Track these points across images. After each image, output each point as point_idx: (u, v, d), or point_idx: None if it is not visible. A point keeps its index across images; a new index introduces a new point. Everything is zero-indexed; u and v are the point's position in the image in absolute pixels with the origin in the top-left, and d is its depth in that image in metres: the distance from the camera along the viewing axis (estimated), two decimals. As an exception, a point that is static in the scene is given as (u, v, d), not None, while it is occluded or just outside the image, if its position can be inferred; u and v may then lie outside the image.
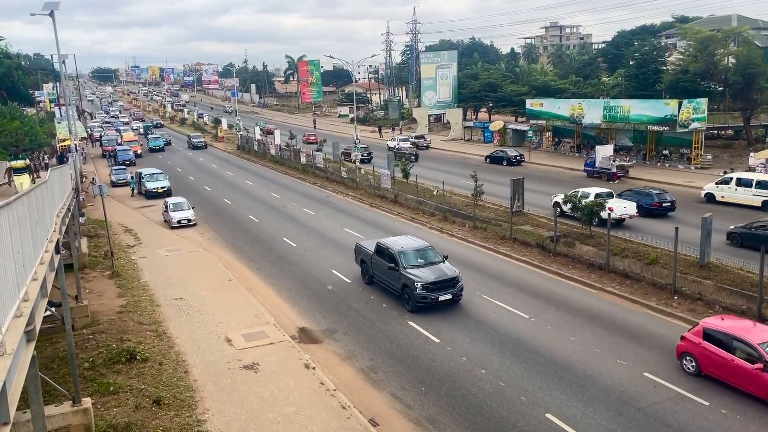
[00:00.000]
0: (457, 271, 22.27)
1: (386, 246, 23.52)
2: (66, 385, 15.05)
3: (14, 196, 9.62)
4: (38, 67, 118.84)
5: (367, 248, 25.21)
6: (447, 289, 21.57)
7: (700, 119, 49.89)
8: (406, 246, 23.48)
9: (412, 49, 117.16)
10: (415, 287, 21.29)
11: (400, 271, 22.12)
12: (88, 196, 45.56)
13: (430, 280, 21.40)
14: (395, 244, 23.73)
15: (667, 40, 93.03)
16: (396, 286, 22.44)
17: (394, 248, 23.08)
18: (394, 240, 24.61)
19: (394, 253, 22.82)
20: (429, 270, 21.94)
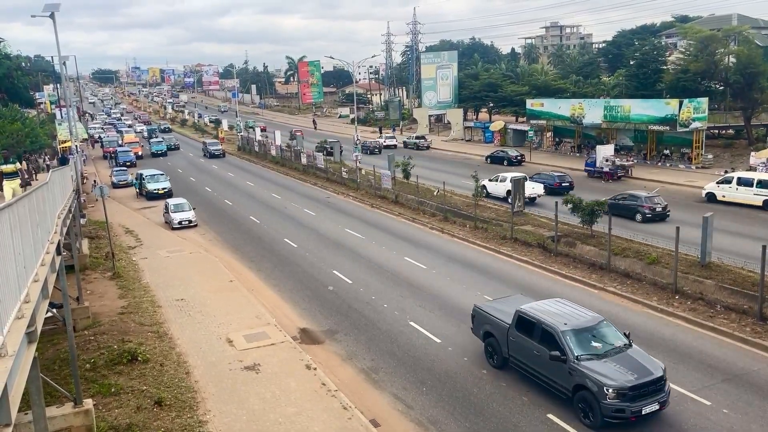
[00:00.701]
0: (661, 365, 14.80)
1: (537, 319, 15.92)
2: (67, 387, 15.06)
3: (15, 198, 9.62)
4: (39, 68, 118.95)
5: (496, 316, 17.51)
6: (653, 395, 14.10)
7: (700, 119, 49.86)
8: (572, 321, 15.67)
9: (412, 50, 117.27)
10: (605, 394, 13.85)
11: (572, 364, 14.62)
12: (89, 197, 45.59)
13: (629, 384, 13.89)
14: (551, 315, 15.98)
15: (668, 39, 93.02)
16: (562, 386, 15.05)
17: (555, 326, 15.40)
18: (546, 308, 16.61)
19: (555, 334, 15.25)
20: (619, 364, 14.46)
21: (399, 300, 23.35)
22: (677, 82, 58.07)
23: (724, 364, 17.08)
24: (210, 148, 74.31)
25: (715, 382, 16.17)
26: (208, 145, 75.46)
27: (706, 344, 18.41)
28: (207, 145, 75.49)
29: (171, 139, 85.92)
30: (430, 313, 21.90)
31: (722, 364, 17.09)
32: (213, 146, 75.19)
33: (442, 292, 23.94)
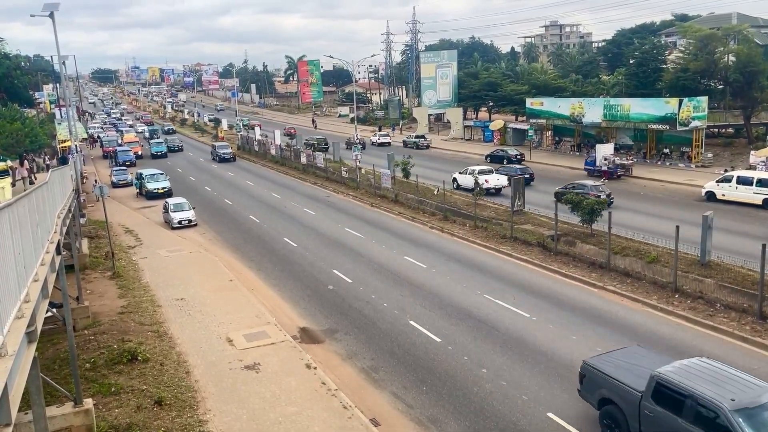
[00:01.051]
0: None
1: (689, 392, 11.74)
2: (67, 386, 15.06)
3: (15, 198, 9.62)
4: (38, 68, 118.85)
5: (618, 379, 13.47)
6: None
7: (700, 117, 49.86)
8: (741, 396, 11.37)
9: (411, 49, 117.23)
10: None
11: None
12: (88, 196, 45.58)
13: None
14: (707, 385, 11.76)
15: (667, 38, 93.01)
16: None
17: (720, 403, 11.17)
18: (694, 372, 12.35)
19: (720, 414, 11.07)
20: None
21: (399, 299, 23.35)
22: (677, 80, 58.05)
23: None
24: (219, 152, 68.80)
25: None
26: (218, 148, 70.04)
27: (706, 343, 18.42)
28: (216, 148, 70.20)
29: (174, 140, 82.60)
30: (430, 312, 21.90)
31: (722, 363, 17.08)
32: (222, 149, 69.48)
33: (442, 291, 23.95)
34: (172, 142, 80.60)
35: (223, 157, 68.10)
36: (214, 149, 70.78)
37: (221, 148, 70.32)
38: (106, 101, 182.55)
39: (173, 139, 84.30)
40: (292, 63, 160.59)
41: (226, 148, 70.12)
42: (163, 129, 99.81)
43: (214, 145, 72.41)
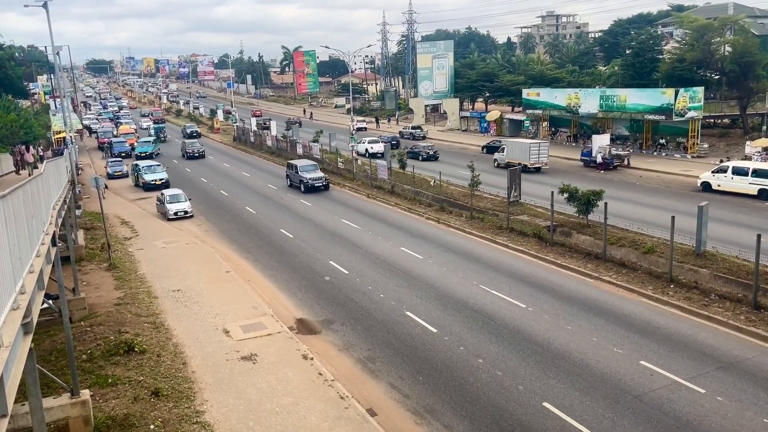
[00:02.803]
0: None
1: None
2: (64, 378, 15.07)
3: (9, 189, 9.58)
4: (32, 59, 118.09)
5: None
6: None
7: (696, 108, 49.92)
8: None
9: (408, 39, 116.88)
10: None
11: None
12: (84, 188, 45.42)
13: None
14: None
15: (664, 28, 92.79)
16: None
17: None
18: None
19: None
20: None
21: (395, 290, 23.39)
22: (673, 71, 58.06)
23: (719, 353, 17.19)
24: (307, 177, 43.48)
25: (710, 370, 16.27)
26: (301, 170, 43.93)
27: (701, 333, 18.52)
28: (300, 170, 43.98)
29: (195, 144, 66.89)
30: (427, 303, 21.95)
31: (717, 353, 17.20)
32: (309, 172, 44.10)
33: (438, 281, 24.00)
34: (192, 146, 65.47)
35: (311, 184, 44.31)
36: (296, 171, 45.34)
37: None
38: (103, 94, 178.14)
39: (192, 143, 67.38)
40: (288, 54, 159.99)
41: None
42: (185, 131, 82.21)
43: (294, 165, 46.57)
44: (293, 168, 45.26)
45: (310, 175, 43.39)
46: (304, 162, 46.80)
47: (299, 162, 46.55)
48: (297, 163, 46.13)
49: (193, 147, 65.49)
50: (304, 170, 43.92)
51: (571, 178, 35.39)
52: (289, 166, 46.86)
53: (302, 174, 43.48)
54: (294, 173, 44.80)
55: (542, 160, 46.46)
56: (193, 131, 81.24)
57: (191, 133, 79.92)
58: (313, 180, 43.05)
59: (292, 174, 45.37)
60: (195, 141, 69.06)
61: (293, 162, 46.78)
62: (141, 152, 62.87)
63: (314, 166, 45.27)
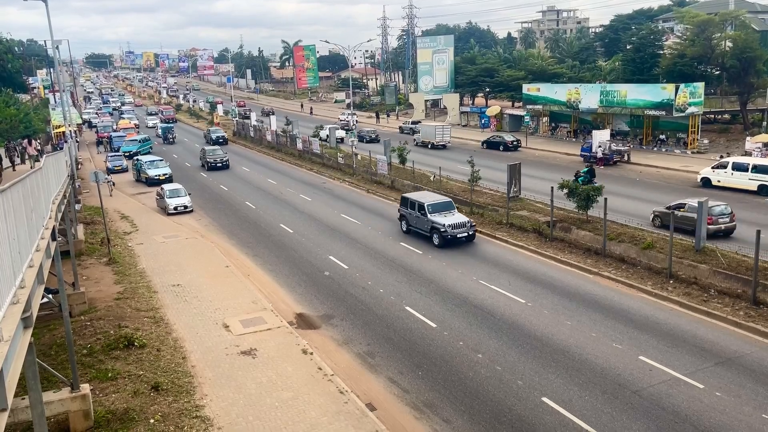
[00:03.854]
0: None
1: None
2: (64, 372, 15.09)
3: (9, 183, 9.58)
4: (32, 53, 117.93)
5: None
6: None
7: (696, 104, 49.86)
8: None
9: (408, 34, 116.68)
10: None
11: None
12: (84, 182, 45.41)
13: None
14: None
15: (665, 24, 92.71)
16: None
17: None
18: None
19: None
20: None
21: (395, 285, 23.41)
22: (674, 66, 57.99)
23: (718, 348, 17.22)
24: (443, 223, 27.92)
25: (709, 365, 16.30)
26: (432, 212, 28.49)
27: (700, 328, 18.54)
28: (429, 211, 28.43)
29: (216, 152, 54.85)
30: (426, 298, 21.97)
31: (715, 348, 17.23)
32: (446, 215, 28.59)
33: (437, 277, 24.01)
34: (214, 155, 54.10)
35: None
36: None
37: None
38: (104, 89, 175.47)
39: (215, 150, 55.56)
40: (288, 48, 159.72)
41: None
42: (209, 135, 70.10)
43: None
44: (416, 207, 29.08)
45: (449, 220, 27.77)
46: (434, 198, 29.80)
47: (426, 198, 29.52)
48: (423, 200, 29.08)
49: (216, 155, 53.84)
50: (436, 211, 28.36)
51: (570, 174, 35.34)
52: (406, 202, 30.08)
53: (435, 218, 27.95)
54: (418, 215, 28.92)
55: (446, 139, 58.99)
56: (220, 137, 68.88)
57: (217, 139, 67.92)
58: (455, 229, 27.37)
59: (413, 216, 29.28)
60: (218, 149, 56.76)
61: (414, 198, 29.70)
62: (125, 151, 59.33)
63: (449, 205, 29.01)
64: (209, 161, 53.20)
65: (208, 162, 53.23)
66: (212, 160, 53.14)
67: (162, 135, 74.34)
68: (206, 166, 53.22)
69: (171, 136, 73.24)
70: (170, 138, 72.77)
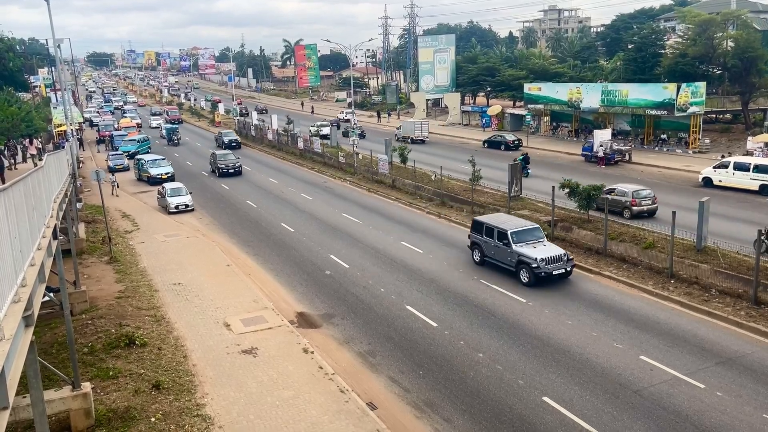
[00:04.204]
0: None
1: None
2: (65, 370, 15.11)
3: (10, 182, 9.59)
4: (33, 51, 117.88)
5: None
6: None
7: (698, 103, 49.78)
8: None
9: (409, 33, 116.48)
10: None
11: None
12: (85, 181, 45.43)
13: None
14: None
15: (666, 23, 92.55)
16: None
17: None
18: None
19: None
20: None
21: (396, 284, 23.41)
22: (675, 66, 57.88)
23: (719, 348, 17.21)
24: (536, 258, 22.27)
25: (710, 365, 16.30)
26: (516, 240, 23.05)
27: (701, 328, 18.54)
28: (514, 240, 22.97)
29: (228, 156, 50.94)
30: (427, 297, 21.97)
31: (716, 348, 17.22)
32: (537, 248, 22.93)
33: (439, 276, 24.00)
34: (226, 160, 49.98)
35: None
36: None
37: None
38: (107, 89, 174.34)
39: (226, 155, 51.35)
40: (290, 47, 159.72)
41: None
42: (221, 139, 66.20)
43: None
44: (495, 235, 23.62)
45: (540, 252, 22.37)
46: (517, 223, 24.21)
47: (508, 223, 23.98)
48: (503, 225, 23.55)
49: (228, 161, 49.93)
50: (522, 240, 22.87)
51: (572, 173, 35.34)
52: (480, 228, 24.57)
53: (522, 249, 22.52)
54: (497, 245, 23.48)
55: (424, 134, 63.48)
56: (233, 140, 65.10)
57: (230, 143, 64.21)
58: (549, 264, 22.21)
59: (491, 246, 23.84)
60: (229, 153, 52.87)
61: (492, 223, 24.18)
62: (125, 151, 58.98)
63: (536, 231, 23.74)
64: (220, 167, 49.11)
65: (219, 168, 49.18)
66: (224, 165, 49.16)
67: (166, 136, 71.82)
68: (217, 172, 49.29)
69: (176, 138, 70.77)
70: (175, 139, 70.53)
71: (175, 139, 70.18)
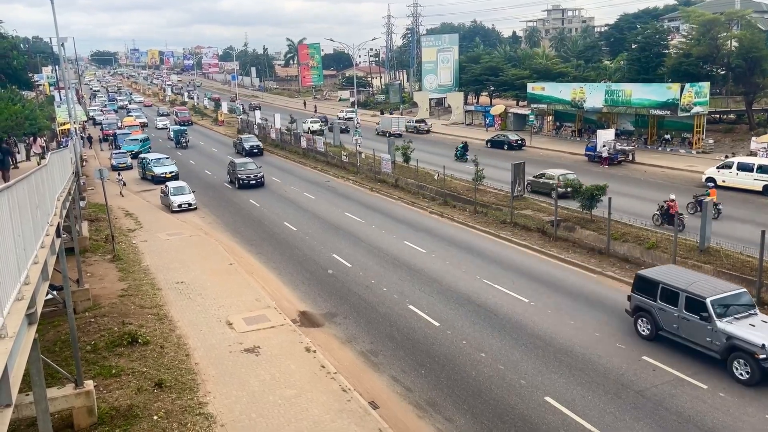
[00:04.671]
0: None
1: None
2: (68, 368, 15.14)
3: (14, 180, 9.61)
4: (37, 50, 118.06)
5: None
6: None
7: (702, 103, 49.65)
8: None
9: (413, 33, 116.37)
10: None
11: None
12: (88, 179, 45.52)
13: None
14: None
15: (670, 23, 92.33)
16: None
17: None
18: None
19: None
20: None
21: (398, 283, 23.41)
22: (679, 66, 57.70)
23: (722, 349, 17.13)
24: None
25: (712, 366, 16.25)
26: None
27: (704, 328, 18.45)
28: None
29: (249, 166, 45.42)
30: (429, 296, 21.97)
31: (719, 349, 17.14)
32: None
33: (441, 275, 24.00)
34: (246, 169, 44.55)
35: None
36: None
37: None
38: (111, 88, 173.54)
39: (246, 164, 45.98)
40: (293, 46, 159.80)
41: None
42: (240, 144, 59.81)
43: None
44: (681, 302, 16.74)
45: (763, 334, 15.39)
46: (715, 285, 17.15)
47: (700, 285, 16.94)
48: (694, 288, 16.67)
49: (249, 170, 44.30)
50: (728, 312, 16.18)
51: (575, 173, 35.25)
52: (651, 287, 17.79)
53: (732, 329, 15.65)
54: (685, 317, 16.61)
55: (401, 129, 69.57)
56: (254, 146, 58.51)
57: (251, 149, 57.67)
58: None
59: (672, 316, 16.97)
60: (250, 161, 47.28)
61: (671, 282, 17.27)
62: (128, 150, 58.06)
63: (744, 298, 17.00)
64: (240, 177, 43.37)
65: (239, 178, 43.44)
66: (244, 176, 43.44)
67: (174, 138, 67.67)
68: (237, 183, 43.69)
69: (185, 140, 66.58)
70: (183, 142, 66.43)
71: (183, 142, 66.46)
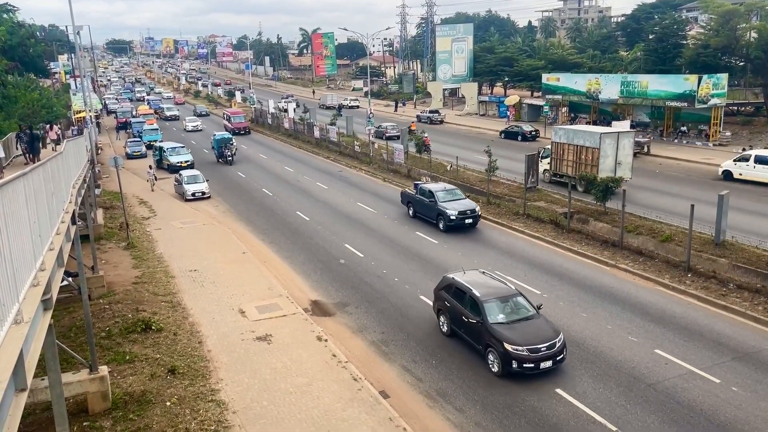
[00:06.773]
0: None
1: None
2: (83, 354, 15.33)
3: (30, 167, 9.70)
4: (53, 38, 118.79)
5: None
6: None
7: (719, 95, 49.05)
8: None
9: (427, 22, 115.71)
10: None
11: None
12: (103, 167, 45.85)
13: None
14: None
15: (689, 13, 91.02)
16: None
17: None
18: None
19: None
20: None
21: (410, 274, 23.42)
22: (697, 57, 57.03)
23: (735, 343, 17.05)
24: None
25: (726, 360, 16.15)
26: None
27: (718, 323, 18.36)
28: None
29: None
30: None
31: (733, 343, 17.06)
32: None
33: (452, 266, 23.92)
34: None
35: None
36: None
37: None
38: (127, 78, 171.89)
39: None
40: (307, 35, 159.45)
41: None
42: None
43: None
44: None
45: None
46: None
47: None
48: None
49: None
50: None
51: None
52: None
53: None
54: None
55: (334, 104, 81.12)
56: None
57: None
58: None
59: None
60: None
61: None
62: (149, 140, 57.10)
63: None
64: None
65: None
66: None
67: (216, 149, 50.46)
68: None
69: (230, 153, 49.29)
70: (229, 155, 49.08)
71: (228, 155, 49.20)
